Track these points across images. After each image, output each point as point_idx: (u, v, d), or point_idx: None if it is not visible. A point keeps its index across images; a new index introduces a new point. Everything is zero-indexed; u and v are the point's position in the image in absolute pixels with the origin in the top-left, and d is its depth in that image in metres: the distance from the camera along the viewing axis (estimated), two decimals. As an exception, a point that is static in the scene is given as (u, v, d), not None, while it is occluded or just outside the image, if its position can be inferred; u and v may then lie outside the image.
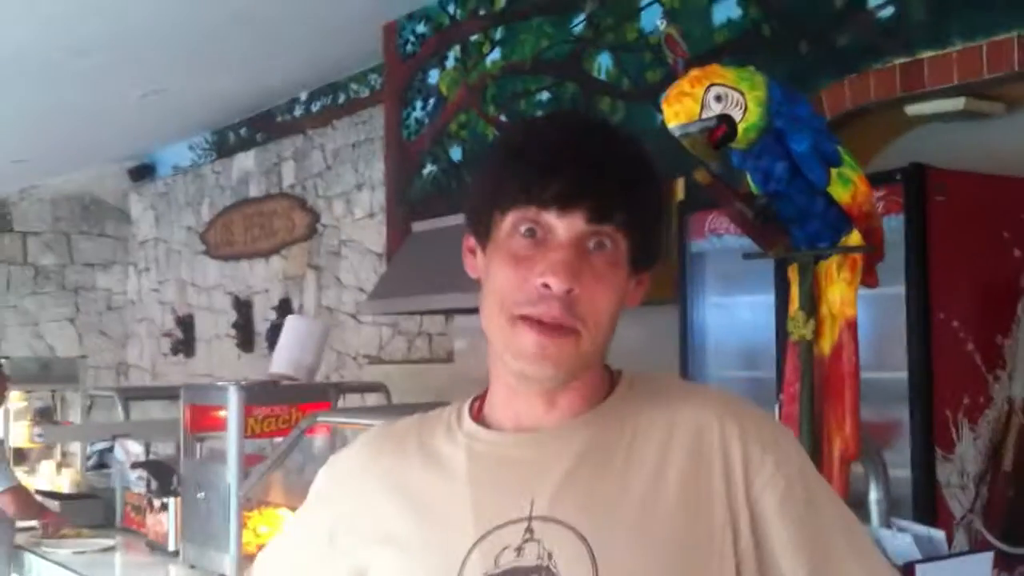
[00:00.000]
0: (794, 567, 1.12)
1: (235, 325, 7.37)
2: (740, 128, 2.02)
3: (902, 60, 3.55)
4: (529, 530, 1.11)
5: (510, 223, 1.13)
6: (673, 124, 2.02)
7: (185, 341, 8.09)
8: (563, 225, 1.11)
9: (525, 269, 1.12)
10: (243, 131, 7.58)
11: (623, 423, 1.17)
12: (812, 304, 2.13)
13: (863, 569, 1.15)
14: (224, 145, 7.81)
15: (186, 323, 8.11)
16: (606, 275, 1.13)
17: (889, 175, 3.11)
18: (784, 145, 2.06)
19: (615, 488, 1.12)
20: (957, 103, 3.59)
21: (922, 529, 2.02)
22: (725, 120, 2.01)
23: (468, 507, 1.14)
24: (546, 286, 1.10)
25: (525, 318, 1.11)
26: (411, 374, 5.71)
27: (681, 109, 2.02)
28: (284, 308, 6.88)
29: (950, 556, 2.04)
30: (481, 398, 1.26)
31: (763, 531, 1.12)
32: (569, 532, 1.10)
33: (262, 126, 7.35)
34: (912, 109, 3.69)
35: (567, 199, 1.10)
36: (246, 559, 3.14)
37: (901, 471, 2.96)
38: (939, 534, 2.02)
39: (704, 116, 2.00)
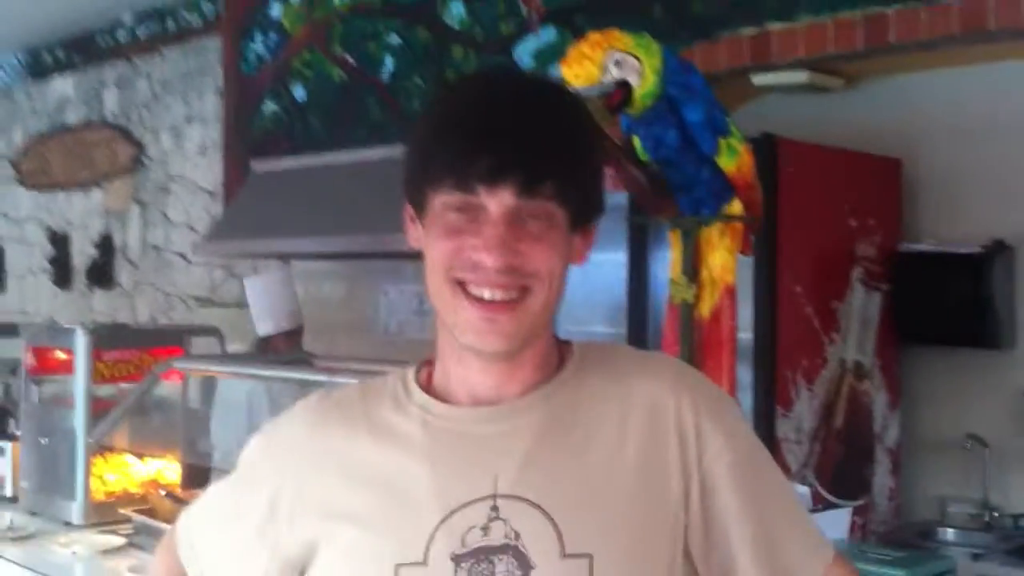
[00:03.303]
0: (740, 534, 1.15)
1: (51, 260, 7.01)
2: (636, 94, 2.06)
3: (751, 31, 3.68)
4: (495, 508, 1.10)
5: (441, 201, 1.11)
6: (572, 87, 2.04)
7: (-7, 275, 7.64)
8: (493, 201, 1.09)
9: (459, 240, 1.10)
10: (59, 53, 7.15)
11: (579, 397, 1.17)
12: (694, 269, 2.22)
13: (801, 537, 1.20)
14: (38, 66, 7.35)
15: (-7, 256, 7.66)
16: (544, 237, 1.11)
17: (741, 143, 3.24)
18: (676, 113, 2.11)
19: (576, 464, 1.13)
20: (801, 76, 3.76)
21: (787, 485, 2.15)
22: (623, 86, 2.05)
23: (429, 484, 1.12)
24: (481, 262, 1.09)
25: (468, 294, 1.10)
26: (244, 318, 5.58)
27: (581, 72, 2.04)
28: (105, 244, 6.59)
29: (813, 511, 2.17)
30: (428, 366, 1.23)
31: (711, 499, 1.15)
32: (535, 510, 1.09)
33: (81, 49, 6.95)
34: (758, 79, 3.84)
35: (494, 176, 1.08)
36: (93, 506, 3.05)
37: (743, 427, 3.12)
38: (804, 489, 2.16)
39: (603, 80, 2.04)
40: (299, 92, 5.28)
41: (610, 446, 1.14)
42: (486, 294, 1.10)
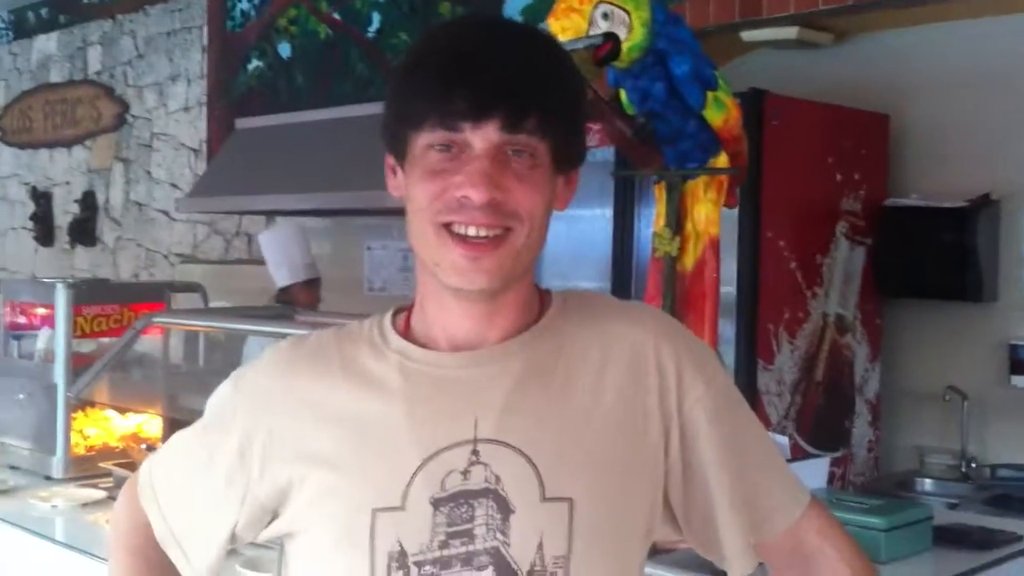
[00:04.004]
0: (720, 482, 1.16)
1: (33, 218, 6.97)
2: (624, 47, 2.04)
3: (742, -14, 3.65)
4: (475, 452, 1.09)
5: (424, 141, 1.09)
6: (561, 40, 2.02)
7: (-26, 232, 7.60)
8: (477, 137, 1.07)
9: (443, 180, 1.09)
10: (44, 11, 7.08)
11: (560, 343, 1.16)
12: (678, 222, 2.21)
13: (778, 484, 1.21)
14: (23, 25, 7.28)
15: (-25, 213, 7.60)
16: (527, 177, 1.09)
17: (728, 98, 3.22)
18: (664, 66, 2.10)
19: (557, 410, 1.13)
20: (790, 31, 3.74)
21: (768, 436, 2.16)
22: (611, 38, 2.03)
23: (407, 428, 1.11)
24: (466, 197, 1.07)
25: (452, 233, 1.09)
26: (227, 275, 5.57)
27: (569, 24, 2.02)
28: (88, 201, 6.55)
29: (791, 461, 2.18)
30: (406, 312, 1.21)
31: (691, 446, 1.16)
32: (516, 454, 1.09)
33: (65, 7, 6.88)
34: (748, 35, 3.82)
35: (477, 112, 1.06)
36: (74, 460, 3.05)
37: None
38: (782, 439, 2.16)
39: (591, 33, 2.02)
40: (284, 49, 5.24)
41: (591, 392, 1.14)
42: (471, 231, 1.09)
